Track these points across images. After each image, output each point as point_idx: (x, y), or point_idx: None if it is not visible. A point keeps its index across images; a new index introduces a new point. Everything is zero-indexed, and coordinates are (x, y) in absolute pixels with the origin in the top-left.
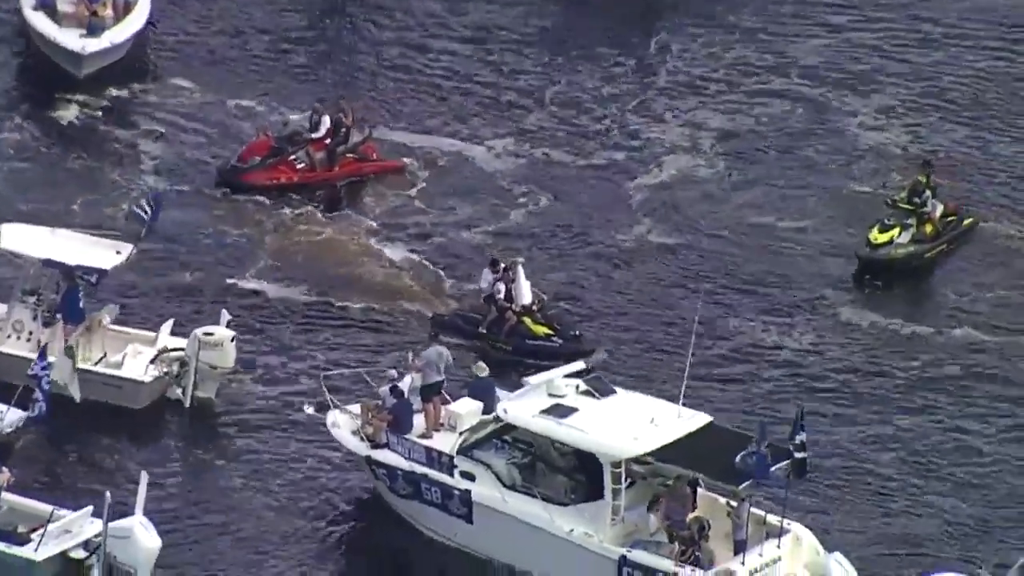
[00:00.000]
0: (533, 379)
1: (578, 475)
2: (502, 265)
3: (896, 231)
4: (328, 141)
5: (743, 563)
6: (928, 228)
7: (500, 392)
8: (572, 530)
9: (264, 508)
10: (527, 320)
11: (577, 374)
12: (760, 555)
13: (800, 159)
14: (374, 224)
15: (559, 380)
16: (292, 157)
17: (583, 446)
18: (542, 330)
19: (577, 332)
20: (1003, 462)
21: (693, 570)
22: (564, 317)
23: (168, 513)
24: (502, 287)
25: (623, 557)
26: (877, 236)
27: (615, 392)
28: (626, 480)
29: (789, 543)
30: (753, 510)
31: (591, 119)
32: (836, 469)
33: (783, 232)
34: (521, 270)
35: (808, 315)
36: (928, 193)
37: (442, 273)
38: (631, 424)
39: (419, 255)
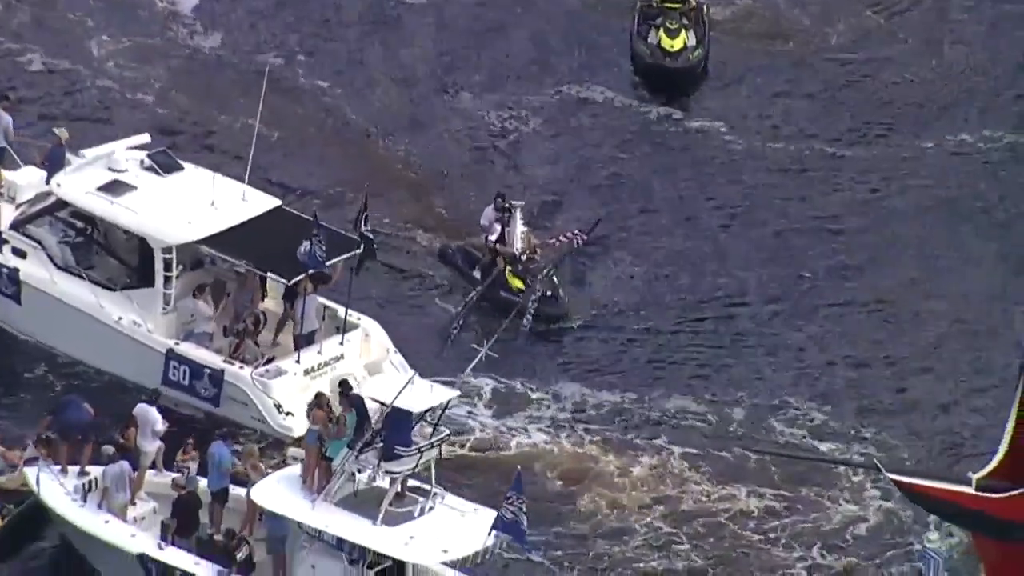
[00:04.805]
0: (91, 151)
1: (132, 259)
2: (506, 204)
3: (683, 35)
4: None
5: (298, 360)
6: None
7: (73, 160)
8: (121, 318)
9: None
10: (508, 270)
11: (142, 147)
12: (319, 352)
13: None
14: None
15: (120, 154)
16: None
17: (133, 228)
18: (517, 283)
19: (551, 292)
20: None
21: (241, 366)
22: (548, 276)
23: None
24: (498, 228)
25: (170, 350)
26: (670, 43)
27: (182, 169)
28: (179, 266)
29: (357, 339)
30: (325, 302)
31: None
32: None
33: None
34: (519, 214)
35: (553, 97)
36: None
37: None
38: (189, 206)
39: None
